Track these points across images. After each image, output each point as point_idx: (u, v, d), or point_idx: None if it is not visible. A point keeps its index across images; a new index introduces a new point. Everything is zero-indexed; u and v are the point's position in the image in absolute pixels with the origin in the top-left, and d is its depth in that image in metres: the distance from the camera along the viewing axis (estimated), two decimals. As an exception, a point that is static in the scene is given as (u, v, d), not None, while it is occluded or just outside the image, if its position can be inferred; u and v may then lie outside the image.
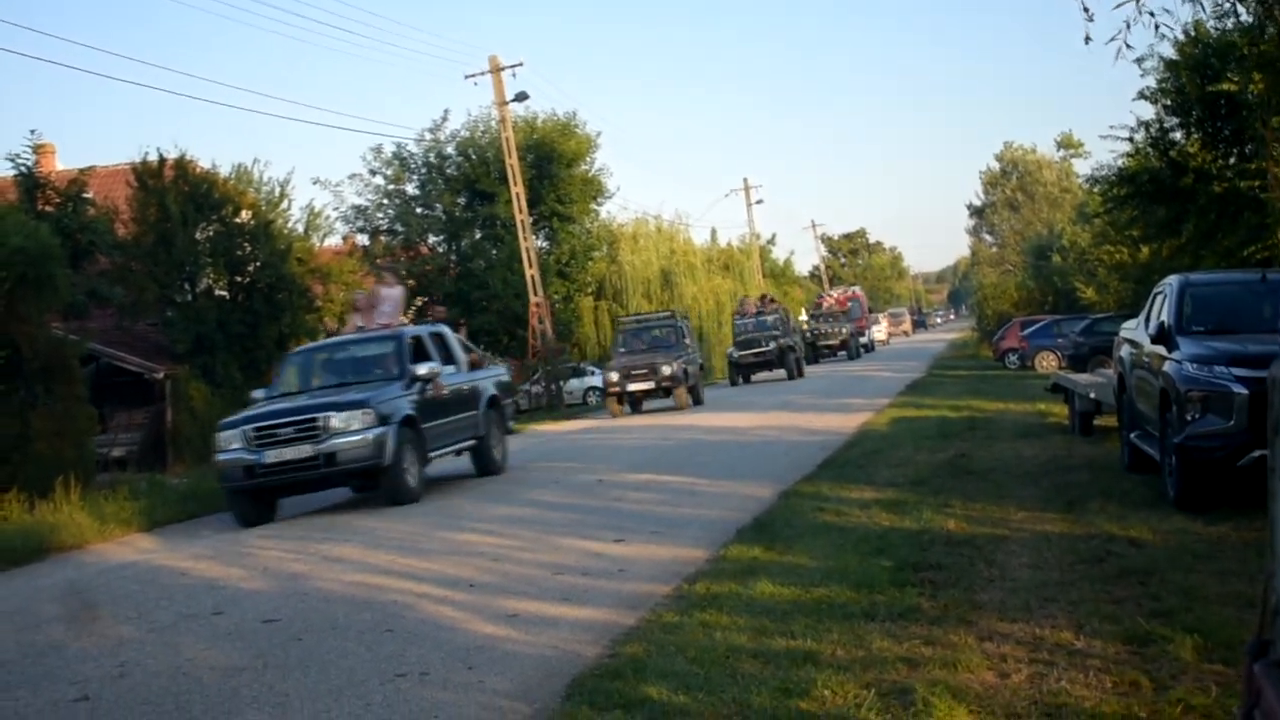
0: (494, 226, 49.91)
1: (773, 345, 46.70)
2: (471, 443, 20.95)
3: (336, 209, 51.50)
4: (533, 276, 44.64)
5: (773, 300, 54.27)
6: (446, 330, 22.14)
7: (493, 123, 48.32)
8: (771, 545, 11.69)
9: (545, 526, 14.87)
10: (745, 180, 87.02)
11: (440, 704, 7.78)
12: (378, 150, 51.20)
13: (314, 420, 17.96)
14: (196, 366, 35.17)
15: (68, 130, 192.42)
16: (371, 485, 18.98)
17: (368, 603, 11.23)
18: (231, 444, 18.44)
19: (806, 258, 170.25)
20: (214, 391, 34.59)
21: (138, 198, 36.32)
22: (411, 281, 49.32)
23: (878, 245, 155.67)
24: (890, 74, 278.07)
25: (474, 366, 22.13)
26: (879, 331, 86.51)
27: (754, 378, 48.18)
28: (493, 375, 22.91)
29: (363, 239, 51.48)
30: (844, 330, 63.56)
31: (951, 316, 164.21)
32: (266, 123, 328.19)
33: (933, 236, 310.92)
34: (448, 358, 20.95)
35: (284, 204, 40.34)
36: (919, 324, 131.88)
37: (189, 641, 10.40)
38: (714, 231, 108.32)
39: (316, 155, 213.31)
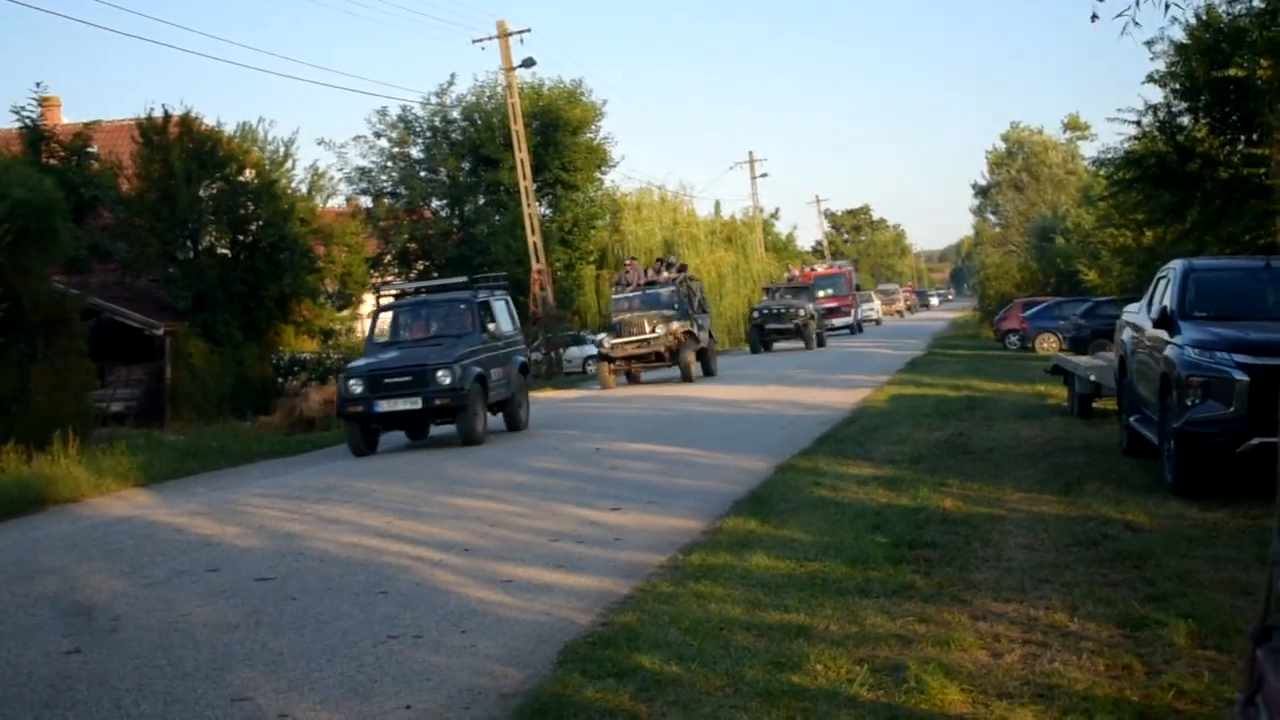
0: (497, 192, 49.85)
1: (659, 330, 34.29)
2: None
3: (340, 170, 51.46)
4: (535, 243, 44.57)
5: (673, 264, 40.33)
6: None
7: (499, 88, 48.24)
8: (767, 519, 11.69)
9: (542, 493, 14.87)
10: (750, 154, 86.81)
11: (432, 667, 7.79)
12: (383, 113, 51.15)
13: None
14: (197, 324, 35.13)
15: (73, 84, 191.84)
16: None
17: (363, 564, 11.25)
18: None
19: (810, 233, 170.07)
20: (214, 349, 34.60)
21: (142, 154, 36.23)
22: (414, 245, 49.31)
23: (881, 222, 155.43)
24: (898, 51, 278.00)
25: None
26: (871, 310, 79.34)
27: (643, 376, 36.30)
28: None
29: (366, 201, 51.47)
30: (801, 312, 48.70)
31: (950, 296, 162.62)
32: (273, 82, 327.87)
33: (937, 215, 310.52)
34: None
35: (288, 164, 40.26)
36: (920, 304, 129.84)
37: (183, 597, 10.41)
38: (718, 204, 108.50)
39: (322, 116, 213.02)
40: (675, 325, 34.30)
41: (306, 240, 39.16)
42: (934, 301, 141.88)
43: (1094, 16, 11.64)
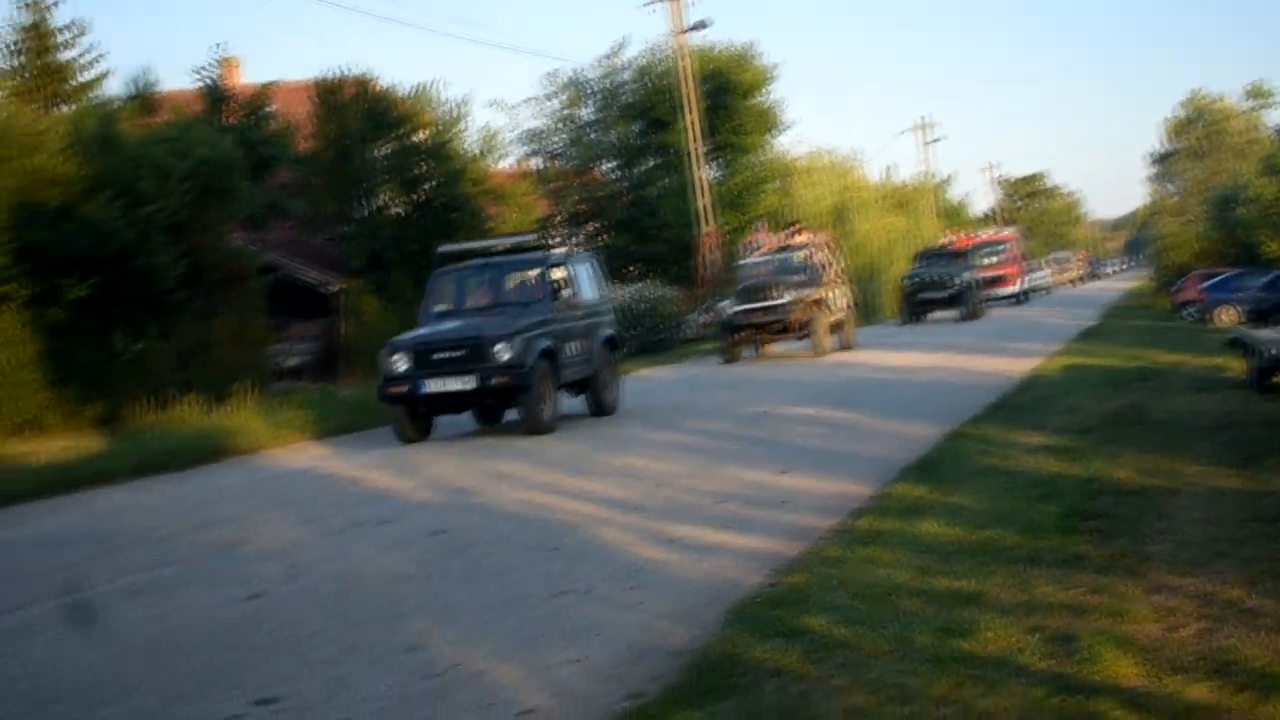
0: (668, 155, 49.82)
1: (788, 298, 30.47)
2: None
3: (512, 132, 51.75)
4: (704, 206, 44.56)
5: (804, 229, 36.41)
6: None
7: (670, 51, 48.18)
8: (937, 485, 11.59)
9: (710, 455, 14.92)
10: (922, 118, 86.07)
11: (601, 622, 7.88)
12: (554, 75, 51.43)
13: None
14: (370, 281, 35.69)
15: (252, 45, 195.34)
16: None
17: (533, 520, 11.40)
18: None
19: (983, 199, 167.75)
20: (386, 306, 35.12)
21: (319, 114, 36.86)
22: (584, 206, 49.62)
23: (1055, 190, 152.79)
24: (1076, 16, 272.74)
25: None
26: (1041, 279, 76.30)
27: (768, 348, 33.05)
28: None
29: (537, 162, 51.76)
30: (957, 280, 45.10)
31: (1124, 265, 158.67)
32: (446, 44, 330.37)
33: (1113, 183, 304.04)
34: None
35: (460, 125, 40.65)
36: (1092, 273, 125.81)
37: (358, 548, 10.66)
38: (889, 169, 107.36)
39: (494, 79, 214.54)
40: (806, 293, 30.54)
41: (478, 201, 39.53)
42: (1107, 271, 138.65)
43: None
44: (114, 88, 35.97)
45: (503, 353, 17.50)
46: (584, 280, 20.62)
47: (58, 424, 24.32)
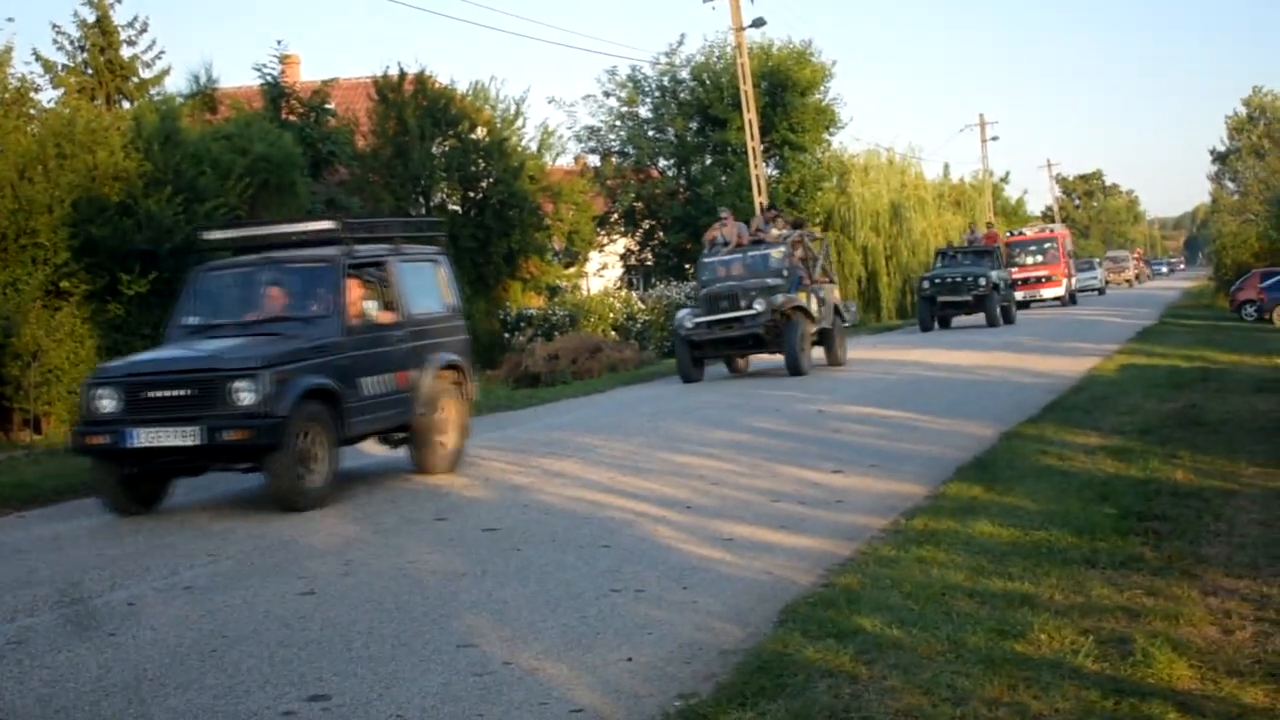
0: (724, 153, 49.76)
1: (760, 308, 24.93)
2: None
3: (569, 129, 51.91)
4: (761, 204, 44.42)
5: (783, 218, 30.97)
6: None
7: (728, 48, 48.11)
8: (992, 485, 11.55)
9: (764, 453, 14.90)
10: (980, 116, 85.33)
11: (654, 621, 7.89)
12: (612, 72, 51.50)
13: None
14: (427, 278, 35.75)
15: (312, 42, 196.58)
16: None
17: (586, 518, 11.42)
18: None
19: (1041, 197, 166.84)
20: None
21: (377, 111, 36.97)
22: (640, 204, 49.57)
23: (1114, 188, 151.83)
24: (1135, 12, 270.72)
25: None
26: (1093, 279, 72.02)
27: (742, 363, 28.18)
28: None
29: (594, 160, 51.82)
30: (982, 280, 39.84)
31: (1181, 265, 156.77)
32: (504, 41, 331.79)
33: (1172, 182, 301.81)
34: None
35: (518, 122, 40.72)
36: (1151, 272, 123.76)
37: (412, 545, 10.69)
38: (946, 167, 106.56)
39: (552, 75, 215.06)
40: (781, 299, 25.00)
41: (535, 198, 39.58)
42: (1162, 270, 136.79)
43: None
44: (175, 84, 36.25)
45: (243, 394, 12.07)
46: (413, 286, 15.00)
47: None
